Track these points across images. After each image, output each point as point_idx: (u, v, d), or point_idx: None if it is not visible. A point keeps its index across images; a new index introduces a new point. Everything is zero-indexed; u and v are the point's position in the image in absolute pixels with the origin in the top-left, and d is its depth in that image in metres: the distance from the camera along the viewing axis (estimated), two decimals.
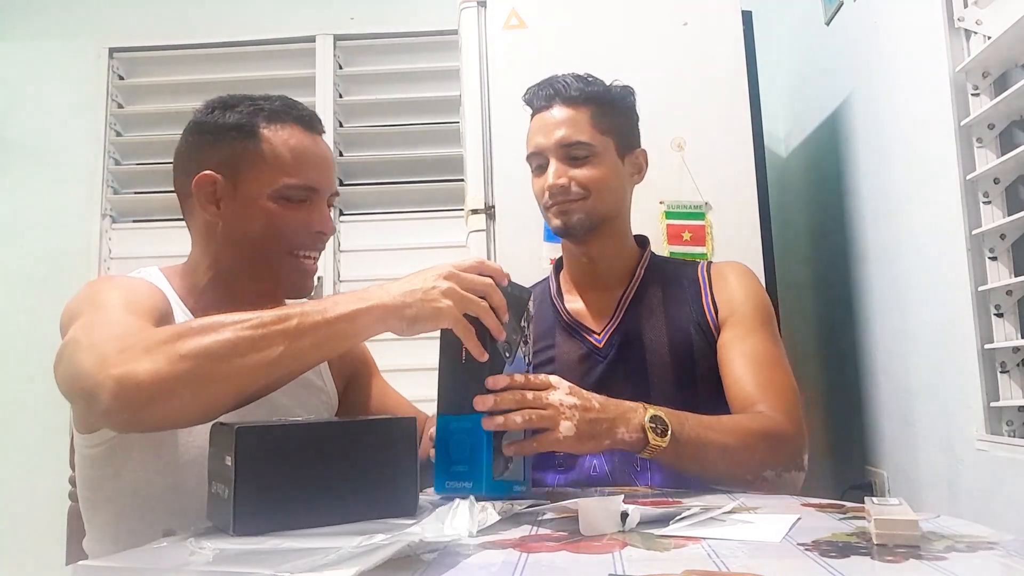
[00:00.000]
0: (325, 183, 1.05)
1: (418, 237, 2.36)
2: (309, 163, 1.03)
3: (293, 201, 1.02)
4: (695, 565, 0.59)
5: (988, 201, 1.23)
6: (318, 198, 1.04)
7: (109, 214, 2.48)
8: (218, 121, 1.03)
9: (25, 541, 2.24)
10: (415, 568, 0.60)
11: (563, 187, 1.17)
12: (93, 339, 0.83)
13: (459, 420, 0.87)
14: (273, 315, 0.81)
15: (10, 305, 2.44)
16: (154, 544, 0.73)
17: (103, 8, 2.56)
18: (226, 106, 1.04)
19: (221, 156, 1.02)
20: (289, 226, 1.01)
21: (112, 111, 2.51)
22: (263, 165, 1.01)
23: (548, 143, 1.19)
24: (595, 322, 1.22)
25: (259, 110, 1.03)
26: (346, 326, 0.82)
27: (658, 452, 0.92)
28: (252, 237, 1.01)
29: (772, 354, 1.14)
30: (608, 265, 1.24)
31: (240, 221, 1.02)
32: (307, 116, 1.06)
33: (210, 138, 1.03)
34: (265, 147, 1.01)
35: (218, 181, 1.01)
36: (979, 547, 0.63)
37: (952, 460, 1.34)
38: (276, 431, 0.80)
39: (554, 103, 1.20)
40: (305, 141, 1.03)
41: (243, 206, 1.01)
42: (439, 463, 0.87)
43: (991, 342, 1.22)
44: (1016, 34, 1.13)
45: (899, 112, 1.51)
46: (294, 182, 1.01)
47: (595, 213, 1.18)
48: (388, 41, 2.51)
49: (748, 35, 1.74)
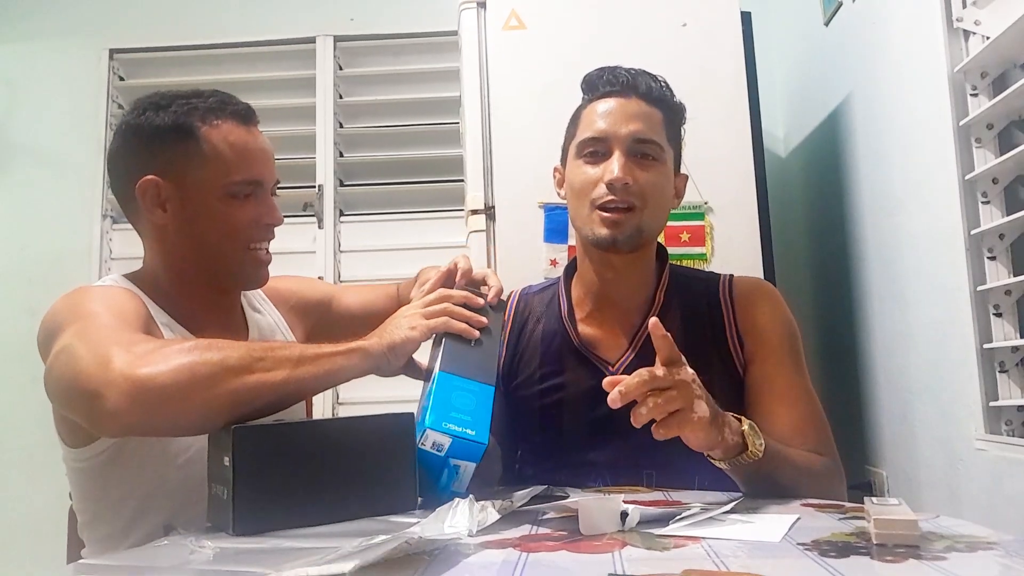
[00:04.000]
0: (268, 174, 1.06)
1: (418, 238, 2.36)
2: (251, 157, 1.03)
3: (239, 197, 1.02)
4: (695, 565, 0.59)
5: (987, 201, 1.23)
6: (263, 191, 1.05)
7: (109, 214, 2.48)
8: (153, 123, 1.01)
9: (26, 541, 2.24)
10: (415, 568, 0.60)
11: (627, 186, 1.05)
12: (92, 342, 0.83)
13: (465, 382, 0.90)
14: (279, 343, 0.87)
15: (10, 305, 2.44)
16: (154, 543, 0.73)
17: (104, 9, 2.56)
18: (158, 107, 1.02)
19: (162, 159, 1.01)
20: (241, 222, 1.02)
21: (112, 112, 2.51)
22: (206, 164, 1.00)
23: (619, 132, 1.07)
24: (610, 351, 1.12)
25: (193, 109, 1.01)
26: (342, 359, 0.88)
27: (749, 461, 0.88)
28: (205, 237, 1.02)
29: (803, 388, 1.09)
30: (630, 285, 1.14)
31: (190, 222, 1.02)
32: (242, 110, 1.05)
33: (147, 140, 1.01)
34: (206, 146, 1.00)
35: (161, 184, 1.00)
36: (978, 547, 0.63)
37: (951, 460, 1.34)
38: (274, 431, 0.80)
39: (631, 94, 1.10)
40: (244, 136, 1.03)
41: (191, 207, 1.01)
42: (438, 404, 0.87)
43: (990, 342, 1.22)
44: (1015, 34, 1.13)
45: (898, 112, 1.52)
46: (239, 178, 1.01)
47: (645, 228, 1.08)
48: (388, 42, 2.51)
49: (747, 36, 1.74)
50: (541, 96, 1.63)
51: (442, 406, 0.87)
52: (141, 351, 0.80)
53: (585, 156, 1.11)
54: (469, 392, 0.90)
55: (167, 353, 0.80)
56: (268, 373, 0.82)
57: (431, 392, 0.89)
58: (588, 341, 1.13)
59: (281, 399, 0.86)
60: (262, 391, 0.82)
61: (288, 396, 0.87)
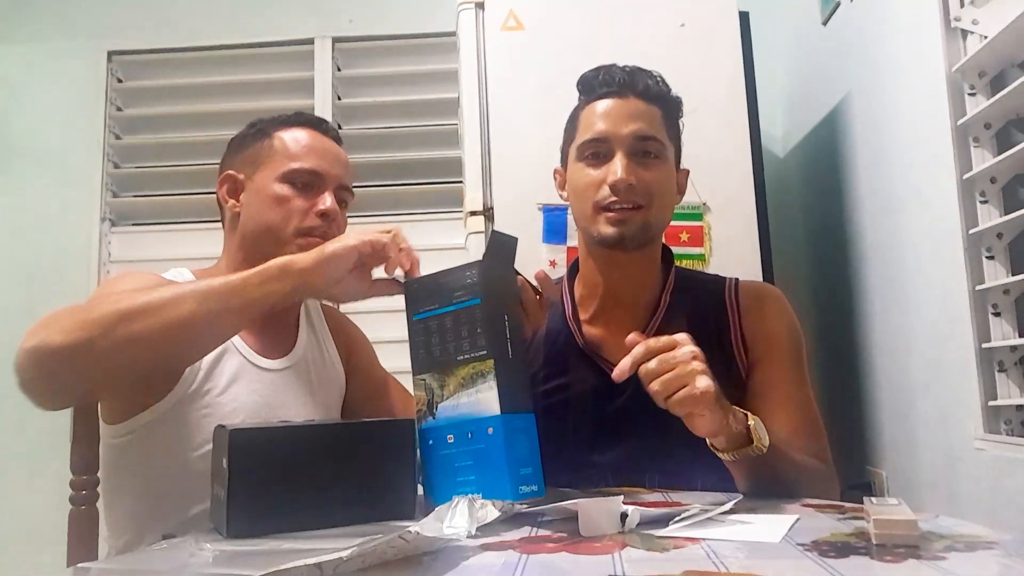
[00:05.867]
0: (330, 169, 1.12)
1: (417, 239, 2.29)
2: (314, 151, 1.12)
3: (297, 185, 1.10)
4: (694, 566, 0.59)
5: (985, 200, 1.23)
6: (323, 184, 1.11)
7: (108, 217, 2.48)
8: (242, 134, 1.18)
9: (26, 542, 2.23)
10: (414, 569, 0.60)
11: (631, 186, 1.05)
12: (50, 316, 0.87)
13: (520, 419, 0.85)
14: (193, 281, 0.88)
15: (10, 306, 2.43)
16: (154, 546, 0.73)
17: (102, 11, 2.55)
18: (251, 125, 1.18)
19: (240, 158, 1.15)
20: (295, 206, 1.09)
21: (111, 114, 2.51)
22: (274, 156, 1.12)
23: (619, 132, 1.07)
24: (614, 352, 1.08)
25: (276, 119, 1.16)
26: (254, 289, 0.88)
27: (753, 455, 0.88)
28: (264, 221, 1.09)
29: (804, 395, 1.09)
30: (635, 284, 1.13)
31: (255, 207, 1.11)
32: (317, 120, 1.18)
33: (234, 148, 1.17)
34: (276, 143, 1.13)
35: (237, 178, 1.13)
36: (978, 547, 0.63)
37: (950, 459, 1.34)
38: (270, 433, 0.80)
39: (628, 93, 1.09)
40: (312, 135, 1.14)
41: (257, 193, 1.11)
42: (510, 465, 0.81)
43: (988, 341, 1.22)
44: (1012, 34, 1.13)
45: (896, 112, 1.52)
46: (298, 166, 1.10)
47: (651, 225, 1.09)
48: (386, 43, 2.51)
49: (745, 36, 1.74)
50: (540, 97, 1.63)
51: (513, 465, 0.81)
52: (51, 319, 0.84)
53: (587, 158, 1.10)
54: (524, 432, 0.84)
55: (67, 313, 0.84)
56: (171, 311, 0.84)
57: (501, 445, 0.81)
58: (593, 342, 1.13)
59: (196, 336, 0.88)
60: (168, 331, 0.84)
61: (204, 331, 0.89)
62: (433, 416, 0.87)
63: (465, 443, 0.84)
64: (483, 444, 0.83)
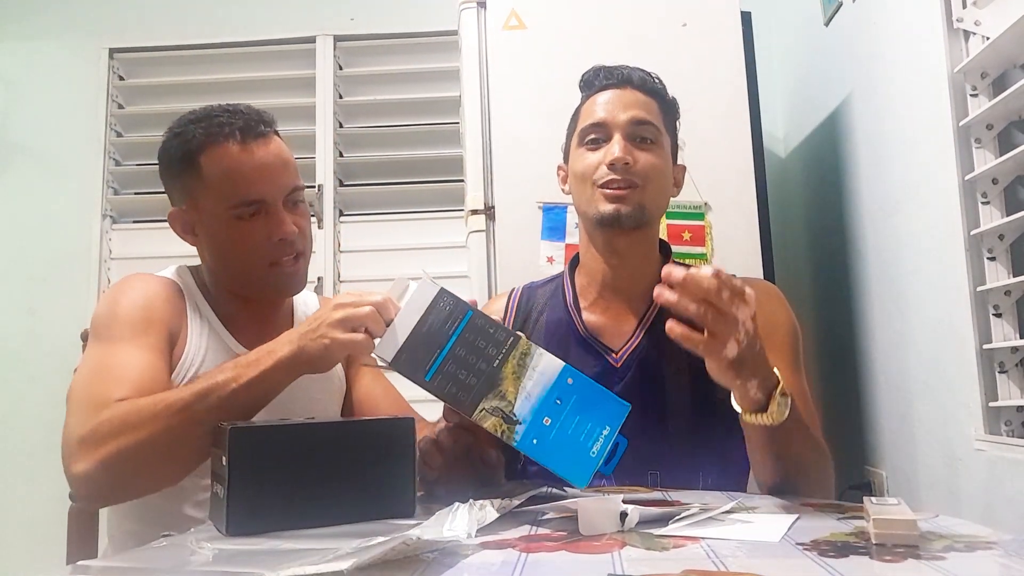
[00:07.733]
0: (272, 187, 1.04)
1: (418, 238, 2.36)
2: (246, 178, 1.03)
3: (245, 218, 1.04)
4: (694, 565, 0.59)
5: (987, 201, 1.23)
6: (269, 206, 1.05)
7: (109, 215, 2.48)
8: (168, 152, 1.07)
9: (25, 541, 2.24)
10: (415, 568, 0.60)
11: (627, 164, 1.09)
12: (76, 404, 0.92)
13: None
14: (193, 392, 0.87)
15: (10, 305, 2.44)
16: (154, 544, 0.73)
17: (103, 9, 2.55)
18: (174, 134, 1.07)
19: (180, 190, 1.08)
20: (253, 242, 1.04)
21: (112, 112, 2.51)
22: (208, 192, 1.04)
23: (617, 118, 1.12)
24: (613, 339, 1.14)
25: (194, 137, 1.04)
26: (259, 388, 0.90)
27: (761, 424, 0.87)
28: (230, 263, 1.08)
29: (800, 387, 1.10)
30: (634, 271, 1.16)
31: (215, 248, 1.08)
32: (242, 126, 1.04)
33: (166, 171, 1.09)
34: (206, 175, 1.04)
35: (184, 214, 1.08)
36: (978, 547, 0.63)
37: (951, 460, 1.34)
38: (270, 432, 0.80)
39: (627, 86, 1.15)
40: (238, 156, 1.03)
41: (210, 236, 1.07)
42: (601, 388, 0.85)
43: (989, 342, 1.22)
44: (1015, 35, 1.13)
45: (898, 112, 1.51)
46: (237, 200, 1.03)
47: (646, 207, 1.11)
48: (388, 42, 2.51)
49: (747, 36, 1.74)
50: (541, 96, 1.63)
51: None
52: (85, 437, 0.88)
53: (587, 144, 1.14)
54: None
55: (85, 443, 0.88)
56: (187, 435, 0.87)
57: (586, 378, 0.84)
58: (593, 329, 1.15)
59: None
60: (187, 454, 0.89)
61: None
62: (520, 423, 0.83)
63: (561, 410, 0.84)
64: (574, 394, 0.84)
